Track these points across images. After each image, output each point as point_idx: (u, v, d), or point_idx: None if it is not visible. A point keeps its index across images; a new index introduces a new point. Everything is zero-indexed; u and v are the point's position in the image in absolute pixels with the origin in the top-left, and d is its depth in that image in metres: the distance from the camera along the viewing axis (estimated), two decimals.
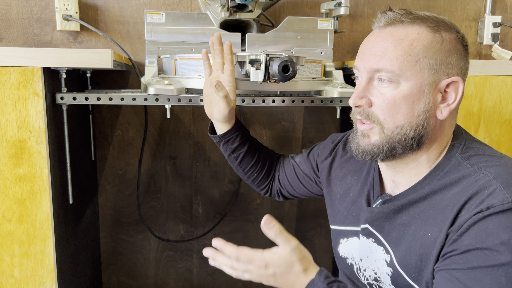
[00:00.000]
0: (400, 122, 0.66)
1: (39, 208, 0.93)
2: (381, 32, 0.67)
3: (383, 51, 0.66)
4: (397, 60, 0.64)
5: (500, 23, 1.47)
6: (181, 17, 1.10)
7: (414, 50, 0.64)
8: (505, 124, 1.11)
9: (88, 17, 1.30)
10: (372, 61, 0.66)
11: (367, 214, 0.75)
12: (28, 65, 0.87)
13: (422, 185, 0.69)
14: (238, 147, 0.95)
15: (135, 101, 0.96)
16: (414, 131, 0.66)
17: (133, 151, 1.42)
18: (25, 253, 0.94)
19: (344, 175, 0.86)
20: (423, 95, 0.65)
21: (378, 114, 0.67)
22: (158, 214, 1.48)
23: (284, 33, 1.15)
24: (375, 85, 0.67)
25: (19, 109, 0.89)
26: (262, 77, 0.88)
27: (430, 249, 0.64)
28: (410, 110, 0.65)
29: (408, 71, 0.64)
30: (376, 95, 0.67)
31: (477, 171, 0.63)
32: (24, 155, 0.91)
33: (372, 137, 0.69)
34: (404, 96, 0.65)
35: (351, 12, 1.42)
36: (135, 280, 1.51)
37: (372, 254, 0.74)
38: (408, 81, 0.64)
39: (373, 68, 0.66)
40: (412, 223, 0.68)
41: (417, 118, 0.65)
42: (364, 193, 0.79)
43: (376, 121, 0.67)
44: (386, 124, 0.66)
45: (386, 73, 0.65)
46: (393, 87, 0.65)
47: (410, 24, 0.66)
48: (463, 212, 0.61)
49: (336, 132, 1.52)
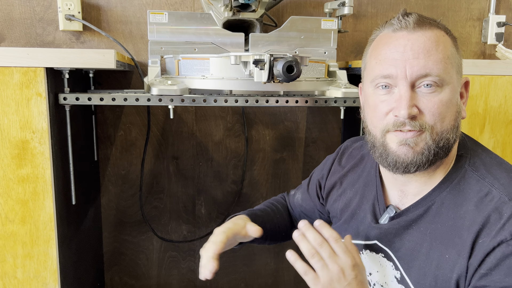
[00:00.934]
0: (447, 126, 0.64)
1: (42, 209, 0.92)
2: (413, 35, 0.63)
3: (427, 54, 0.62)
4: (441, 63, 0.62)
5: (505, 22, 1.46)
6: (184, 17, 1.10)
7: (448, 53, 0.63)
8: (510, 125, 1.10)
9: (90, 17, 1.29)
10: (417, 66, 0.62)
11: (375, 231, 0.73)
12: (31, 65, 0.87)
13: (431, 197, 0.67)
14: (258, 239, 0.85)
15: (138, 101, 0.95)
16: (454, 135, 0.65)
17: (136, 152, 1.41)
18: (28, 254, 0.94)
19: (343, 190, 0.84)
20: (457, 97, 0.65)
21: (428, 120, 0.63)
22: (161, 215, 1.47)
23: (287, 33, 1.15)
24: (420, 91, 0.63)
25: (22, 110, 0.89)
26: (266, 78, 0.87)
27: (448, 272, 0.62)
28: (452, 114, 0.64)
29: (449, 73, 0.63)
30: (423, 102, 0.63)
31: (489, 188, 0.62)
32: (27, 155, 0.90)
33: (419, 144, 0.64)
34: (449, 99, 0.63)
35: (355, 11, 1.41)
36: (137, 280, 1.51)
37: (381, 269, 0.72)
38: (448, 84, 0.63)
39: (420, 74, 0.62)
40: (424, 241, 0.66)
41: (455, 121, 0.65)
42: (366, 207, 0.76)
43: (427, 127, 0.63)
44: (436, 129, 0.63)
45: (434, 77, 0.62)
46: (438, 92, 0.63)
47: (436, 27, 0.65)
48: (483, 236, 0.60)
49: (339, 132, 1.52)
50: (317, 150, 1.52)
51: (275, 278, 1.60)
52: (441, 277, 0.63)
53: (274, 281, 1.60)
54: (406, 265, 0.68)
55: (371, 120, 0.68)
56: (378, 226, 0.72)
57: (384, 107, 0.65)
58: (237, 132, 1.46)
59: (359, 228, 0.77)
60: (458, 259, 0.61)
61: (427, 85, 0.62)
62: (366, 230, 0.75)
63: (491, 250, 0.58)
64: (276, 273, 1.60)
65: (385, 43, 0.65)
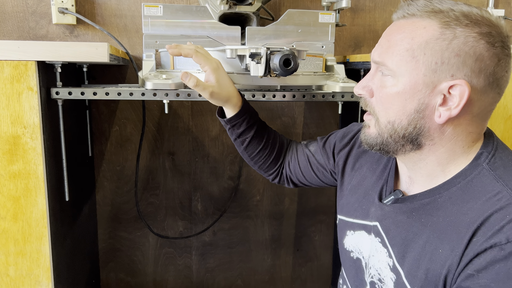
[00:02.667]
0: (391, 118, 0.64)
1: (34, 205, 0.91)
2: (394, 25, 0.65)
3: (387, 45, 0.64)
4: (396, 55, 0.62)
5: (504, 17, 1.45)
6: (179, 10, 1.08)
7: (412, 46, 0.61)
8: (509, 120, 1.09)
9: (84, 10, 1.27)
10: (376, 54, 0.66)
11: (378, 211, 0.73)
12: (21, 58, 0.85)
13: (440, 190, 0.65)
14: (245, 132, 0.91)
15: (133, 96, 0.94)
16: (404, 130, 0.63)
17: (131, 147, 1.40)
18: (20, 252, 0.92)
19: (360, 165, 0.83)
20: (417, 94, 0.61)
21: (375, 106, 0.67)
22: (157, 211, 1.46)
23: (284, 26, 1.13)
24: (379, 77, 0.66)
25: (13, 104, 0.87)
26: (262, 71, 0.85)
27: (439, 267, 0.61)
28: (401, 108, 0.63)
29: (403, 66, 0.61)
30: (377, 87, 0.66)
31: (502, 187, 0.59)
32: (19, 151, 0.89)
33: (371, 128, 0.69)
34: (398, 92, 0.62)
35: (353, 5, 1.39)
36: (133, 277, 1.50)
37: (376, 254, 0.72)
38: (402, 77, 0.62)
39: (376, 61, 0.66)
40: (422, 233, 0.64)
41: (408, 117, 0.63)
42: (377, 187, 0.76)
43: (373, 113, 0.67)
44: (380, 117, 0.66)
45: (385, 68, 0.64)
46: (392, 82, 0.63)
47: (421, 17, 0.62)
48: (479, 235, 0.57)
49: (337, 128, 1.50)
50: None
51: (271, 274, 1.59)
52: (432, 271, 0.61)
53: (271, 277, 1.60)
54: (400, 254, 0.67)
55: None
56: (381, 206, 0.72)
57: None
58: None
59: (367, 206, 0.77)
60: (450, 255, 0.59)
61: (381, 73, 0.65)
62: (370, 208, 0.75)
63: (483, 251, 0.56)
64: (273, 269, 1.59)
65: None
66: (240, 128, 0.90)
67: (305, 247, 1.60)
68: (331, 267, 1.62)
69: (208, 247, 1.53)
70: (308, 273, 1.62)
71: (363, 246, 0.77)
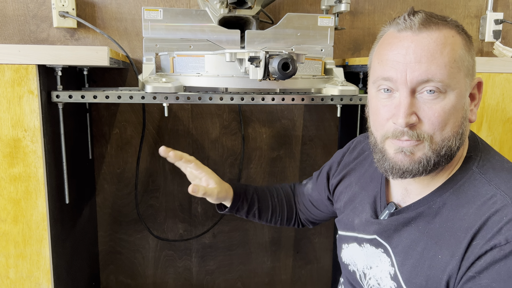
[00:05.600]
0: (447, 134, 0.60)
1: (34, 208, 0.91)
2: (417, 36, 0.60)
3: (430, 58, 0.58)
4: (446, 67, 0.58)
5: (502, 20, 1.45)
6: (179, 13, 1.09)
7: (455, 56, 0.59)
8: (508, 123, 1.10)
9: (85, 14, 1.28)
10: (418, 71, 0.59)
11: (375, 226, 0.72)
12: (22, 62, 0.86)
13: (433, 197, 0.65)
14: (250, 208, 0.96)
15: (132, 99, 0.94)
16: (458, 141, 0.62)
17: (131, 150, 1.40)
18: (20, 254, 0.93)
19: (349, 183, 0.85)
20: (463, 102, 0.61)
21: (427, 129, 0.60)
22: (157, 213, 1.46)
23: (284, 30, 1.13)
24: (421, 97, 0.60)
25: (14, 108, 0.87)
26: (261, 75, 0.86)
27: (439, 273, 0.61)
28: (455, 120, 0.60)
29: (455, 78, 0.59)
30: (423, 109, 0.60)
31: (495, 191, 0.60)
32: (19, 154, 0.89)
33: (416, 153, 0.62)
34: (452, 106, 0.59)
35: (352, 8, 1.40)
36: (133, 279, 1.50)
37: (380, 264, 0.72)
38: (454, 90, 0.59)
39: (421, 79, 0.59)
40: (420, 240, 0.65)
41: (459, 128, 0.61)
42: (368, 201, 0.76)
43: (426, 137, 0.61)
44: (435, 138, 0.60)
45: (436, 83, 0.58)
46: (441, 98, 0.59)
47: (443, 26, 0.60)
48: (478, 239, 0.58)
49: (336, 130, 1.51)
50: (314, 148, 1.51)
51: (271, 276, 1.60)
52: (432, 277, 0.62)
53: (271, 279, 1.60)
54: (400, 262, 0.67)
55: (373, 123, 0.68)
56: (378, 222, 0.72)
57: (385, 113, 0.63)
58: (234, 130, 1.45)
59: (360, 222, 0.77)
60: (451, 260, 0.60)
61: (429, 91, 0.59)
62: (366, 225, 0.75)
63: (483, 254, 0.56)
64: (272, 271, 1.59)
65: (389, 43, 0.63)
66: (244, 208, 0.95)
67: (305, 250, 1.60)
68: (331, 269, 1.62)
69: (208, 249, 1.53)
70: (308, 275, 1.62)
71: (357, 258, 0.77)
